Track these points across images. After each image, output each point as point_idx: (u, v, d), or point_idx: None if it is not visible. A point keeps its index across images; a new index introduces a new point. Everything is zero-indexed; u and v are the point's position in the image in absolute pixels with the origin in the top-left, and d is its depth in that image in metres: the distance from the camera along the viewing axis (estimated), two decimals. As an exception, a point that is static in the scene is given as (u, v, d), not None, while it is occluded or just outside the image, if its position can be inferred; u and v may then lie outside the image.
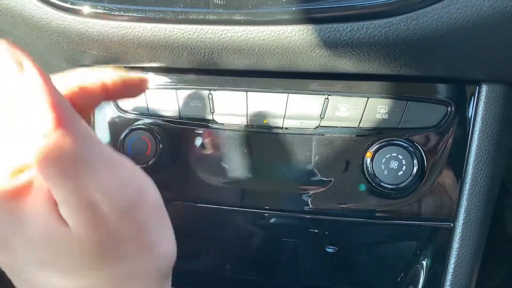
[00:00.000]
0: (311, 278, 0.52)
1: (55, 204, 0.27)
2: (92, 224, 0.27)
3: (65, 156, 0.25)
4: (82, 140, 0.26)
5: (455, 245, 0.48)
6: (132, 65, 0.48)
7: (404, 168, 0.44)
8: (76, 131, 0.26)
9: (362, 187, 0.47)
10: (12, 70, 0.26)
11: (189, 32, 0.39)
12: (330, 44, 0.37)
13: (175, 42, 0.40)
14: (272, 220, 0.50)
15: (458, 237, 0.47)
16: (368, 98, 0.45)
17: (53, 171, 0.26)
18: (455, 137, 0.45)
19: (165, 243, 0.32)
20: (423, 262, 0.49)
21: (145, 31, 0.39)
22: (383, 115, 0.45)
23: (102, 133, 0.51)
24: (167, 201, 0.35)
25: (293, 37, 0.37)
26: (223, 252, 0.53)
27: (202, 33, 0.39)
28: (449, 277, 0.49)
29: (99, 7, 0.39)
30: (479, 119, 0.45)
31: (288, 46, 0.38)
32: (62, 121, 0.25)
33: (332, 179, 0.47)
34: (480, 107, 0.45)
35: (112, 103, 0.50)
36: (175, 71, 0.48)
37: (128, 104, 0.50)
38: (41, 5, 0.40)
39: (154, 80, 0.48)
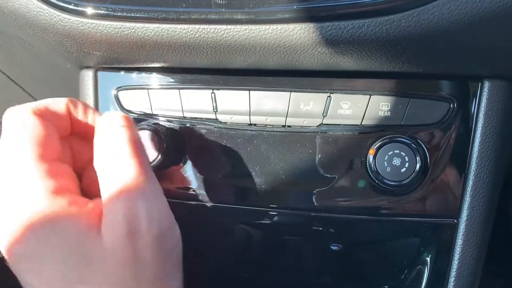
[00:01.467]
0: (315, 276, 0.52)
1: (98, 219, 0.32)
2: (130, 240, 0.31)
3: (136, 188, 0.32)
4: (149, 178, 0.34)
5: (459, 241, 0.48)
6: (135, 66, 0.48)
7: (407, 165, 0.44)
8: (147, 172, 0.34)
9: (365, 184, 0.47)
10: (116, 123, 0.35)
11: (192, 32, 0.39)
12: (332, 42, 0.37)
13: (177, 42, 0.40)
14: (276, 218, 0.50)
15: (462, 233, 0.47)
16: (370, 95, 0.45)
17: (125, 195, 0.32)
18: (458, 133, 0.46)
19: (174, 280, 0.35)
20: (427, 258, 0.49)
21: (148, 31, 0.40)
22: (386, 112, 0.45)
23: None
24: (171, 200, 0.36)
25: (294, 36, 0.37)
26: (227, 251, 0.53)
27: (204, 33, 0.39)
28: (453, 273, 0.49)
29: (102, 8, 0.39)
30: (482, 116, 0.45)
31: (290, 45, 0.38)
32: (141, 163, 0.33)
33: (335, 177, 0.47)
34: (483, 104, 0.45)
35: (115, 103, 0.50)
36: (178, 71, 0.48)
37: (132, 104, 0.50)
38: (45, 7, 0.40)
39: (157, 80, 0.49)
